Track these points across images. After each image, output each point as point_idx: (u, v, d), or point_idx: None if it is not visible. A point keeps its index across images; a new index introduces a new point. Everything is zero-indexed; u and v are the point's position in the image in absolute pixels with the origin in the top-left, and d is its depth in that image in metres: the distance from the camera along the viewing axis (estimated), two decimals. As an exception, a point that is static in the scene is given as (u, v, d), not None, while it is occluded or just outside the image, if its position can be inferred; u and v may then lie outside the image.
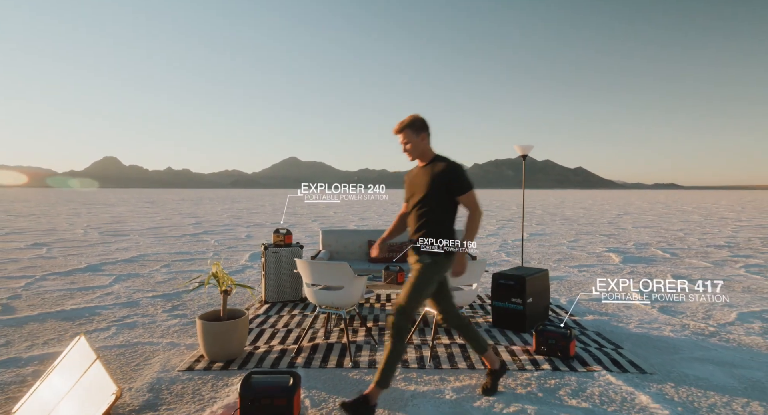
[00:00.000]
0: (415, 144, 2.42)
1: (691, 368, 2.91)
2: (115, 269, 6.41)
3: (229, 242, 9.85)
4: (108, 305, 4.43)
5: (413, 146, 2.43)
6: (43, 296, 4.79)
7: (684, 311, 4.25)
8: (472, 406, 2.39)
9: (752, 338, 3.52)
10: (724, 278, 5.91)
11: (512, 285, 3.64)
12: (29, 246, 8.76)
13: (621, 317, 4.09)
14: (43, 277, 5.77)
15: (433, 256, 2.36)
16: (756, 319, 4.02)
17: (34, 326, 3.75)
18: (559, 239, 10.67)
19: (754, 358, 3.10)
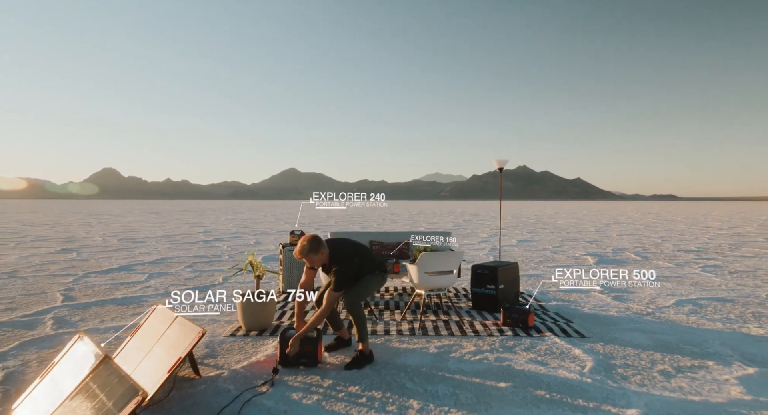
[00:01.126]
0: (318, 259, 3.06)
1: (620, 334, 3.76)
2: (144, 269, 7.24)
3: (240, 247, 10.68)
4: (150, 295, 5.26)
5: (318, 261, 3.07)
6: (93, 288, 5.62)
7: (633, 299, 5.10)
8: (448, 356, 3.23)
9: (679, 316, 4.37)
10: (681, 275, 6.76)
11: (487, 274, 4.50)
12: (59, 251, 9.59)
13: (579, 302, 4.94)
14: (86, 275, 6.60)
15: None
16: (689, 304, 4.87)
17: (97, 309, 4.58)
18: (545, 244, 11.52)
19: (673, 328, 3.95)
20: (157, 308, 3.23)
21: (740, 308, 4.67)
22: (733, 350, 3.38)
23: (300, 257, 3.00)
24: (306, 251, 2.97)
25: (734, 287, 5.80)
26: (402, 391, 2.63)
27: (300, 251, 2.97)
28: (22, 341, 3.52)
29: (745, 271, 7.16)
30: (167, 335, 2.90)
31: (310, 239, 3.00)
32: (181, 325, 2.84)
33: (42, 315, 4.31)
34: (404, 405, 2.46)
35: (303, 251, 2.97)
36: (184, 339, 2.68)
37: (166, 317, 3.05)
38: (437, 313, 4.41)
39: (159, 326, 3.01)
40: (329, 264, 3.12)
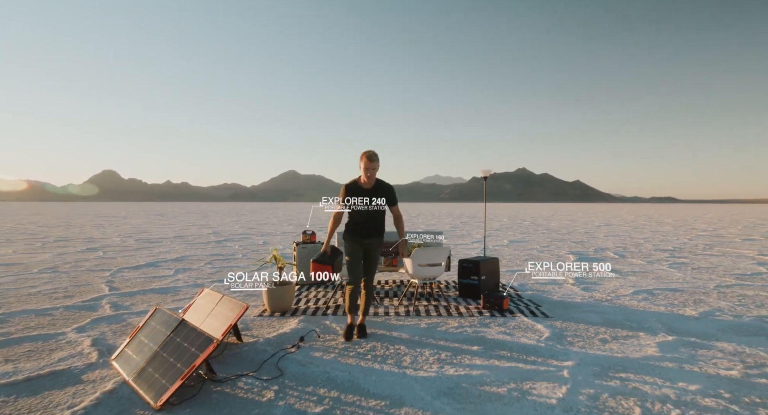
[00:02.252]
0: (376, 167, 3.62)
1: (578, 315, 4.60)
2: (169, 265, 8.07)
3: (251, 247, 11.51)
4: (182, 286, 6.09)
5: (375, 168, 3.62)
6: (130, 281, 6.45)
7: (598, 289, 5.94)
8: (435, 330, 4.06)
9: (631, 302, 5.21)
10: (648, 271, 7.60)
11: (471, 267, 5.33)
12: (85, 250, 10.41)
13: (551, 292, 5.78)
14: (119, 270, 7.43)
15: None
16: (644, 293, 5.71)
17: (141, 296, 5.41)
18: (534, 245, 12.36)
19: (622, 311, 4.79)
20: (204, 290, 4.05)
21: (686, 297, 5.51)
22: (663, 325, 4.22)
23: (371, 159, 3.53)
24: (377, 155, 3.58)
25: (690, 280, 6.64)
26: (398, 351, 3.47)
27: (373, 153, 3.56)
28: (92, 319, 4.36)
29: (707, 267, 8.00)
30: (216, 310, 3.72)
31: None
32: (228, 301, 3.66)
33: (97, 301, 5.14)
34: (400, 360, 3.29)
35: (375, 154, 3.57)
36: (232, 312, 3.51)
37: (213, 296, 3.88)
38: (429, 299, 5.25)
39: (207, 303, 3.83)
40: (377, 185, 3.67)
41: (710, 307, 4.97)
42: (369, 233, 3.75)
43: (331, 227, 3.77)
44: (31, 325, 4.13)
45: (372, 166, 3.55)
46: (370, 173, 3.58)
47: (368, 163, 3.53)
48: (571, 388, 2.79)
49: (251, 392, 2.73)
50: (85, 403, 2.55)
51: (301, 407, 2.54)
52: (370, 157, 3.54)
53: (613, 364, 3.22)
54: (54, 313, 4.57)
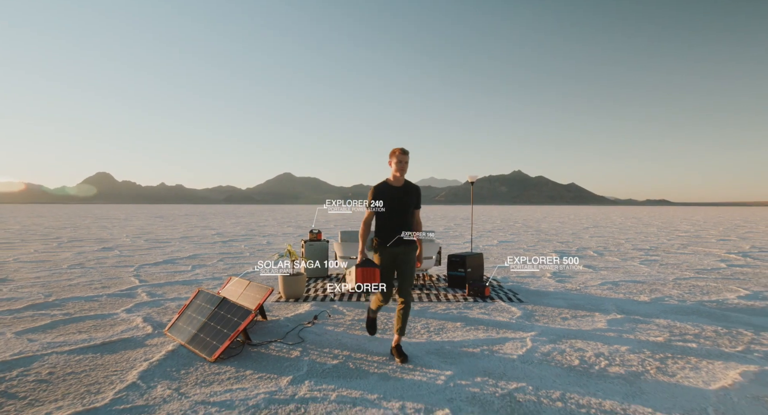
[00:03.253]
0: (407, 161, 3.39)
1: (548, 300, 5.41)
2: (185, 262, 8.81)
3: (256, 246, 12.26)
4: (203, 279, 6.85)
5: (407, 162, 3.39)
6: (155, 275, 7.20)
7: (570, 281, 6.76)
8: (426, 311, 4.85)
9: (596, 291, 6.03)
10: (619, 266, 8.43)
11: (458, 261, 6.13)
12: (101, 250, 11.13)
13: (529, 283, 6.60)
14: (140, 267, 8.17)
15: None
16: (610, 284, 6.54)
17: (169, 287, 6.16)
18: (521, 244, 13.19)
19: (587, 298, 5.60)
20: (232, 278, 4.83)
21: (644, 287, 6.35)
22: (617, 308, 5.04)
23: (404, 152, 3.38)
24: (407, 151, 3.41)
25: (654, 274, 7.48)
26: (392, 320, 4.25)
27: (404, 150, 3.40)
28: (135, 303, 5.12)
29: (674, 264, 8.86)
30: (245, 293, 4.49)
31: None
32: (255, 286, 4.44)
33: (133, 290, 5.89)
34: (396, 331, 4.08)
35: (406, 151, 3.41)
36: (259, 294, 4.28)
37: (242, 283, 4.65)
38: (422, 289, 6.04)
39: (237, 289, 4.60)
40: (407, 184, 3.47)
41: (662, 294, 5.81)
42: (401, 239, 3.42)
43: (362, 234, 3.45)
44: (86, 308, 4.88)
45: (405, 160, 3.38)
46: (403, 166, 3.39)
47: (401, 155, 3.36)
48: (529, 348, 3.59)
49: (281, 352, 3.51)
50: (156, 357, 3.32)
51: (321, 360, 3.32)
52: (403, 150, 3.39)
53: (567, 334, 4.03)
54: (100, 299, 5.32)
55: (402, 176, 3.45)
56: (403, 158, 3.39)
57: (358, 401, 2.64)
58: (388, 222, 3.42)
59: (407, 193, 3.46)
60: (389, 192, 3.41)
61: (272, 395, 2.72)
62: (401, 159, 3.39)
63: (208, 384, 2.87)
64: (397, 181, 3.45)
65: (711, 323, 4.38)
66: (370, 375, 3.06)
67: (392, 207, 3.39)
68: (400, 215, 3.42)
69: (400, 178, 3.45)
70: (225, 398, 2.66)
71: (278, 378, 2.98)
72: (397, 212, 3.41)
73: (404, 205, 3.42)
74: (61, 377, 2.95)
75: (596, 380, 2.97)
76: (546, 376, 3.03)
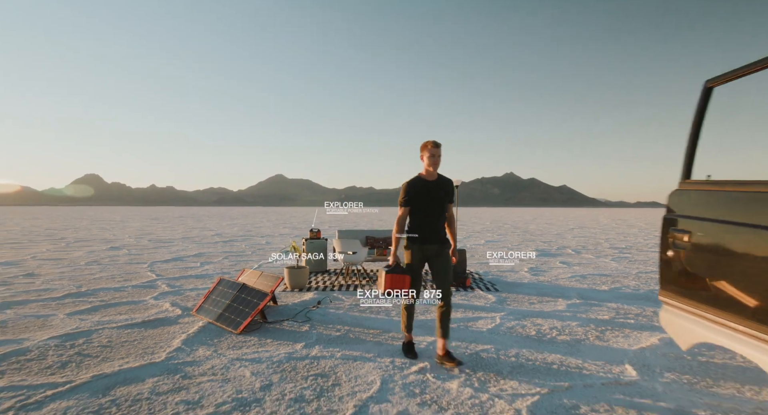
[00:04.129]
0: (440, 155, 3.27)
1: (521, 290, 6.21)
2: (192, 259, 9.50)
3: (256, 246, 12.96)
4: (212, 273, 7.55)
5: (440, 156, 3.27)
6: (167, 270, 7.89)
7: (544, 274, 7.57)
8: (414, 298, 5.62)
9: (565, 282, 6.84)
10: (592, 262, 9.27)
11: (443, 256, 6.91)
12: (109, 249, 11.75)
13: (506, 276, 7.40)
14: (153, 263, 8.85)
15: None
16: (578, 277, 7.36)
17: (184, 280, 6.86)
18: (506, 244, 14.03)
19: (555, 288, 6.41)
20: (246, 270, 5.56)
21: (608, 279, 7.18)
22: (579, 295, 5.85)
23: (436, 145, 3.26)
24: (439, 144, 3.28)
25: (621, 269, 8.32)
26: (387, 310, 5.01)
27: (436, 143, 3.28)
28: (159, 293, 5.82)
29: (642, 260, 9.72)
30: (258, 281, 5.23)
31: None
32: (267, 275, 5.18)
33: (153, 282, 6.59)
34: (388, 313, 4.84)
35: (438, 143, 3.29)
36: (270, 282, 5.02)
37: (254, 273, 5.39)
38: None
39: (250, 278, 5.33)
40: (440, 178, 3.37)
41: (621, 285, 6.64)
42: (435, 236, 3.33)
43: (396, 233, 3.32)
44: (116, 296, 5.59)
45: (438, 153, 3.26)
46: (436, 160, 3.27)
47: (434, 149, 3.24)
48: (497, 324, 4.38)
49: (293, 328, 4.25)
50: (191, 331, 4.05)
51: (326, 333, 4.07)
52: (435, 143, 3.27)
53: (531, 314, 4.82)
54: (126, 289, 6.02)
55: (435, 171, 3.33)
56: (435, 152, 3.26)
57: (358, 358, 3.40)
58: (422, 218, 3.31)
59: (441, 187, 3.34)
60: (423, 186, 3.30)
61: (290, 354, 3.47)
62: (434, 153, 3.26)
63: (238, 348, 3.61)
64: (430, 175, 3.34)
65: (653, 306, 5.21)
66: (367, 342, 3.82)
67: (427, 202, 3.29)
68: (435, 210, 3.31)
69: (433, 173, 3.33)
70: (254, 357, 3.40)
71: (293, 344, 3.72)
72: (431, 207, 3.30)
73: (439, 200, 3.31)
74: (119, 344, 3.67)
75: (546, 344, 3.76)
76: (506, 342, 3.82)
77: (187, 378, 2.97)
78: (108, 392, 2.73)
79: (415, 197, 3.28)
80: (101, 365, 3.19)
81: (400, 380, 2.98)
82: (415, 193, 3.28)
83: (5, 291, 5.83)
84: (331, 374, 3.07)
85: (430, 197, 3.29)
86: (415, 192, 3.28)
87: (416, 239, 3.31)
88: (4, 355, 3.37)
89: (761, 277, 1.42)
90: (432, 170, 3.31)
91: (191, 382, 2.91)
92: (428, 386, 2.90)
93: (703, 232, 1.67)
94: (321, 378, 3.00)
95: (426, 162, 3.30)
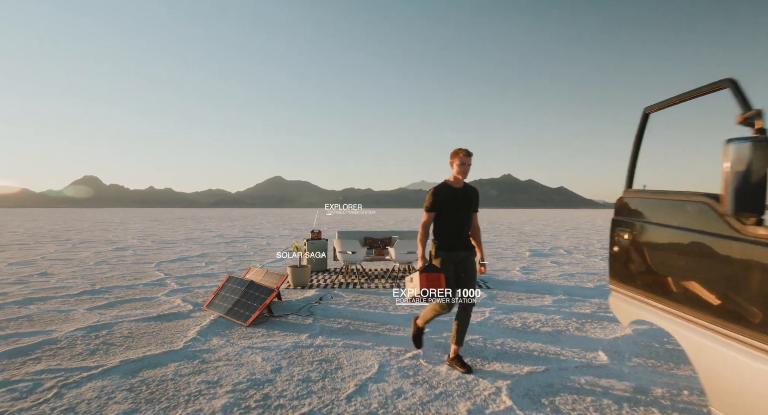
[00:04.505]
0: (470, 163, 3.29)
1: (511, 287, 6.56)
2: (197, 259, 9.83)
3: (258, 247, 13.29)
4: (218, 272, 7.89)
5: (470, 164, 3.29)
6: (174, 270, 8.22)
7: (534, 273, 7.93)
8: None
9: (554, 280, 7.21)
10: (582, 262, 9.64)
11: (438, 255, 7.26)
12: (115, 250, 12.08)
13: (499, 275, 7.75)
14: (159, 263, 9.18)
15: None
16: (567, 275, 7.72)
17: (191, 279, 7.20)
18: (501, 244, 14.40)
19: (543, 285, 6.77)
20: (252, 269, 5.91)
21: (595, 277, 7.54)
22: (565, 292, 6.21)
23: (468, 153, 3.28)
24: (471, 153, 3.31)
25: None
26: (384, 304, 5.37)
27: (468, 152, 3.30)
28: (169, 290, 6.16)
29: (630, 260, 10.08)
30: (264, 279, 5.58)
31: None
32: (272, 273, 5.53)
33: (162, 281, 6.93)
34: (386, 308, 5.19)
35: (470, 152, 3.32)
36: (276, 279, 5.37)
37: (260, 272, 5.73)
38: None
39: (256, 276, 5.67)
40: (466, 186, 3.40)
41: (606, 282, 7.00)
42: (463, 243, 3.34)
43: (422, 238, 3.31)
44: (129, 293, 5.93)
45: (469, 162, 3.28)
46: (466, 169, 3.29)
47: (465, 158, 3.26)
48: (486, 317, 4.74)
49: (297, 320, 4.60)
50: (203, 324, 4.39)
51: (329, 325, 4.42)
52: (467, 152, 3.29)
53: (518, 308, 5.18)
54: (138, 287, 6.36)
55: (463, 179, 3.36)
56: (466, 161, 3.28)
57: (357, 346, 3.75)
58: (449, 225, 3.31)
59: (467, 195, 3.37)
60: (450, 193, 3.30)
61: (296, 343, 3.82)
62: (464, 161, 3.28)
63: (248, 338, 3.96)
64: (458, 182, 3.35)
65: (633, 301, 5.57)
66: (366, 333, 4.17)
67: (453, 209, 3.30)
68: (461, 217, 3.32)
69: (460, 181, 3.35)
70: (264, 345, 3.75)
71: (299, 335, 4.08)
72: (458, 215, 3.31)
73: (465, 208, 3.34)
74: (139, 335, 4.02)
75: (529, 335, 4.11)
76: (493, 332, 4.18)
77: (205, 363, 3.32)
78: (136, 374, 3.08)
79: (442, 203, 3.29)
80: (126, 352, 3.53)
81: (395, 365, 3.34)
82: (441, 199, 3.28)
83: (24, 289, 6.16)
84: (333, 360, 3.42)
85: (456, 204, 3.30)
86: (442, 198, 3.29)
87: (444, 246, 3.30)
88: (37, 344, 3.71)
89: (677, 266, 1.78)
90: (461, 178, 3.32)
91: (209, 366, 3.26)
92: (421, 369, 3.26)
93: (637, 231, 2.03)
94: (325, 363, 3.35)
95: (456, 169, 3.30)
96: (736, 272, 1.43)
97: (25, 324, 4.35)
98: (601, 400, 2.74)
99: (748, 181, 1.26)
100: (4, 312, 4.81)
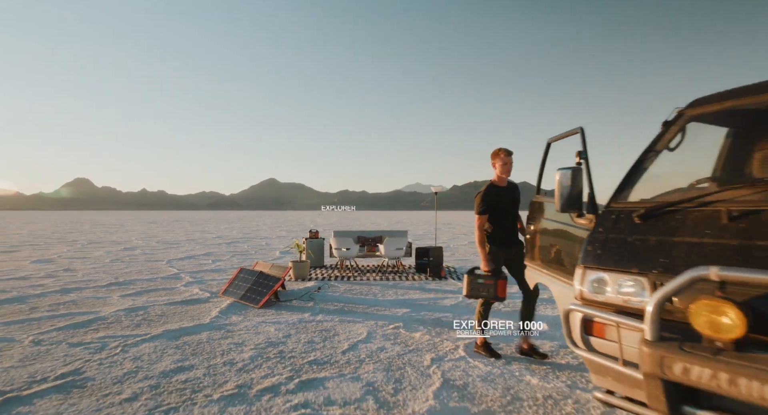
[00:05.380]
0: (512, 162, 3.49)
1: (486, 278, 7.47)
2: (203, 257, 10.66)
3: (258, 246, 14.12)
4: (225, 268, 8.74)
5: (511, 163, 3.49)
6: (185, 266, 9.06)
7: (510, 268, 8.84)
8: (396, 284, 6.87)
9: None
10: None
11: (423, 251, 8.17)
12: (124, 249, 12.87)
13: (478, 269, 8.66)
14: (169, 261, 10.00)
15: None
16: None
17: (203, 274, 8.04)
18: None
19: (515, 276, 7.68)
20: (258, 262, 6.77)
21: (563, 271, 8.47)
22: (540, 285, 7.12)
23: (508, 153, 3.46)
24: (511, 152, 3.49)
25: (577, 263, 9.63)
26: (374, 292, 6.26)
27: (509, 151, 3.48)
28: (186, 282, 7.01)
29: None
30: (271, 270, 6.44)
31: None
32: (277, 266, 6.40)
33: (177, 275, 7.77)
34: (375, 294, 6.08)
35: (510, 151, 3.49)
36: (281, 271, 6.24)
37: (266, 265, 6.60)
38: (395, 273, 8.06)
39: (264, 268, 6.54)
40: (510, 184, 3.58)
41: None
42: (514, 239, 3.54)
43: (481, 240, 3.46)
44: (151, 285, 6.77)
45: (511, 161, 3.46)
46: (509, 168, 3.47)
47: (506, 157, 3.43)
48: (459, 301, 5.65)
49: (300, 304, 5.48)
50: (222, 306, 5.26)
51: (327, 307, 5.31)
52: (508, 151, 3.45)
53: (488, 294, 6.09)
54: (157, 280, 7.20)
55: (507, 177, 3.52)
56: (508, 160, 3.44)
57: (351, 322, 4.64)
58: (502, 223, 3.48)
59: (512, 192, 3.55)
60: (498, 194, 3.47)
61: (301, 319, 4.70)
62: (506, 161, 3.44)
63: (261, 316, 4.84)
64: (502, 181, 3.51)
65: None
66: (358, 312, 5.06)
67: (504, 208, 3.47)
68: (511, 215, 3.51)
69: (504, 179, 3.51)
70: (275, 321, 4.63)
71: (302, 313, 4.96)
72: (508, 213, 3.49)
73: (513, 205, 3.53)
74: (171, 314, 4.88)
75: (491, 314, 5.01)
76: (462, 312, 5.09)
77: (229, 332, 4.19)
78: (178, 339, 3.95)
79: (493, 205, 3.44)
80: (165, 325, 4.40)
81: (380, 332, 4.23)
82: (492, 201, 3.44)
83: (56, 282, 6.99)
84: (331, 330, 4.31)
85: (505, 204, 3.48)
86: (493, 200, 3.44)
87: (496, 242, 3.46)
88: (91, 320, 4.57)
89: (552, 243, 2.69)
90: (505, 177, 3.49)
91: (233, 333, 4.13)
92: (400, 335, 4.16)
93: (537, 223, 2.93)
94: (324, 332, 4.24)
95: (499, 170, 3.47)
96: (573, 244, 2.35)
97: (72, 307, 5.20)
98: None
99: (572, 192, 2.15)
100: (51, 298, 5.66)
